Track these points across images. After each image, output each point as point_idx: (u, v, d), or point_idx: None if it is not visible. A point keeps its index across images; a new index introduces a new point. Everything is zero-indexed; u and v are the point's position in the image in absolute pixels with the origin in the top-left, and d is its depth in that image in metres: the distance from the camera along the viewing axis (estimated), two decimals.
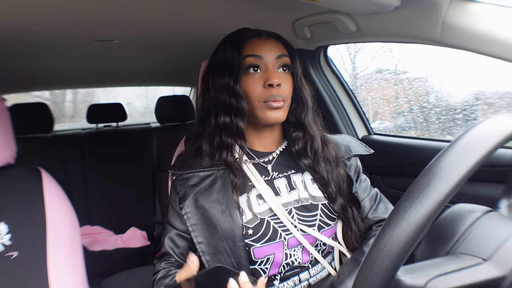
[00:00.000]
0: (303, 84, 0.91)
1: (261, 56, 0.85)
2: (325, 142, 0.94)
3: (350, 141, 1.02)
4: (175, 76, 2.36)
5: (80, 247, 0.91)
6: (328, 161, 0.91)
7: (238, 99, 0.85)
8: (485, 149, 0.43)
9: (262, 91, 0.84)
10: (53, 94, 4.79)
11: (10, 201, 0.86)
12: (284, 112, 0.87)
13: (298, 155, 0.91)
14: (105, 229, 2.16)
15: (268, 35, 0.89)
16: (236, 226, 0.81)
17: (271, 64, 0.86)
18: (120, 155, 2.36)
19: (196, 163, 0.89)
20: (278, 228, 0.83)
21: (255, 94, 0.85)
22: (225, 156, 0.86)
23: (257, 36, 0.88)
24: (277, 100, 0.84)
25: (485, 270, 0.45)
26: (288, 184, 0.90)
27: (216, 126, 0.87)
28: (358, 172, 0.99)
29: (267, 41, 0.87)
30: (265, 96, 0.84)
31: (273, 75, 0.84)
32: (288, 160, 0.92)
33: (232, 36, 0.91)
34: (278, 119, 0.86)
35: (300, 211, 0.86)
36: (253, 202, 0.85)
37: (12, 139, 0.91)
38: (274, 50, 0.86)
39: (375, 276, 0.42)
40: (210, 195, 0.85)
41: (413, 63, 2.03)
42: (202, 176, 0.87)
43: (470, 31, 0.84)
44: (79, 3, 0.99)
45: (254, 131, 0.91)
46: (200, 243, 0.83)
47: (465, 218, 0.52)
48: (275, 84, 0.83)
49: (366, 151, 1.00)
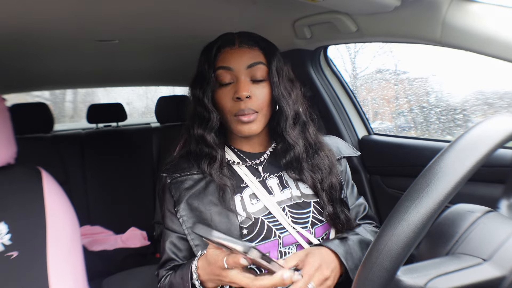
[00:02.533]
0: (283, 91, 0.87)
1: (231, 67, 0.84)
2: (317, 149, 0.92)
3: (339, 142, 1.02)
4: (175, 76, 2.35)
5: (80, 247, 0.91)
6: (320, 170, 0.89)
7: (208, 112, 0.85)
8: (485, 150, 0.43)
9: (232, 104, 0.84)
10: (53, 94, 4.79)
11: (10, 201, 0.86)
12: (258, 124, 0.85)
13: (285, 167, 0.91)
14: (105, 229, 2.16)
15: (242, 41, 0.86)
16: (233, 227, 0.81)
17: (242, 74, 0.84)
18: (120, 155, 2.35)
19: (187, 166, 0.89)
20: (273, 227, 0.83)
21: (226, 107, 0.85)
22: (202, 166, 0.87)
23: (230, 44, 0.86)
24: (245, 114, 0.83)
25: (485, 270, 0.45)
26: (280, 183, 0.90)
27: (194, 136, 0.88)
28: (348, 176, 0.99)
29: (239, 50, 0.85)
30: (234, 110, 0.83)
31: (241, 88, 0.82)
32: (278, 160, 0.92)
33: (208, 45, 0.89)
34: (251, 132, 0.85)
35: (293, 209, 0.87)
36: (246, 202, 0.86)
37: (12, 139, 0.91)
38: (245, 59, 0.84)
39: (375, 276, 0.42)
40: (205, 197, 0.85)
41: (413, 63, 2.03)
42: (196, 179, 0.88)
43: (470, 31, 0.84)
44: (79, 3, 0.99)
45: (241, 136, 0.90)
46: (197, 245, 0.83)
47: (465, 218, 0.52)
48: (243, 97, 0.81)
49: (353, 153, 1.00)
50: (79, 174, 2.24)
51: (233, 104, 0.83)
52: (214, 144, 0.87)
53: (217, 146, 0.88)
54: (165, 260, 0.88)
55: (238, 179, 0.89)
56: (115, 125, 2.69)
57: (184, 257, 0.87)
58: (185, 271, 0.78)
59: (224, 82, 0.85)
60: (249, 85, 0.84)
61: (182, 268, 0.81)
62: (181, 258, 0.87)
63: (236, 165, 0.90)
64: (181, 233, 0.86)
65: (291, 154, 0.88)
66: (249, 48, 0.86)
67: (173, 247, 0.87)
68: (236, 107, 0.83)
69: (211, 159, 0.87)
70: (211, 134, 0.87)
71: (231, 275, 0.67)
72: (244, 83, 0.83)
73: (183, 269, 0.80)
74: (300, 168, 0.89)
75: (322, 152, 0.92)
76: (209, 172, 0.86)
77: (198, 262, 0.77)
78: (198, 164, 0.88)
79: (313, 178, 0.88)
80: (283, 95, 0.87)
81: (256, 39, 0.88)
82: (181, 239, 0.87)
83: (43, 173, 0.93)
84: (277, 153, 0.92)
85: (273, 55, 0.88)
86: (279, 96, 0.87)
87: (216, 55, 0.86)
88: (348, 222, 0.88)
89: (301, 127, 0.91)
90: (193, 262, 0.78)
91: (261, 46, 0.88)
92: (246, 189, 0.88)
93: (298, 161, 0.88)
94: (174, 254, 0.87)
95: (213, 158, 0.87)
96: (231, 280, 0.68)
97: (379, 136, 1.54)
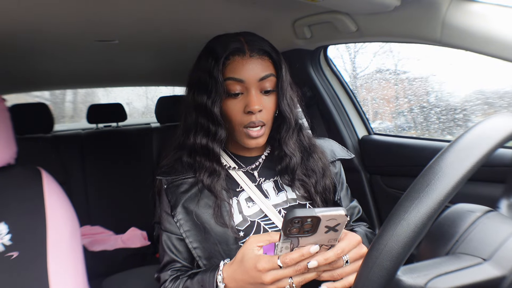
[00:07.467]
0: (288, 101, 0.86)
1: (243, 80, 0.80)
2: (311, 151, 0.92)
3: (333, 145, 1.02)
4: (175, 76, 2.35)
5: (80, 247, 0.91)
6: (314, 173, 0.89)
7: (216, 125, 0.82)
8: (485, 149, 0.43)
9: (242, 116, 0.82)
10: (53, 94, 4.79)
11: (10, 201, 0.86)
12: (265, 136, 0.85)
13: (280, 172, 0.90)
14: (105, 229, 2.16)
15: (252, 50, 0.81)
16: (229, 229, 0.81)
17: (254, 86, 0.81)
18: (120, 155, 2.35)
19: (182, 169, 0.89)
20: (269, 229, 0.84)
21: (235, 119, 0.83)
22: (202, 177, 0.85)
23: (240, 53, 0.81)
24: (256, 126, 0.82)
25: (485, 270, 0.45)
26: (275, 186, 0.90)
27: (194, 145, 0.85)
28: (342, 178, 0.99)
29: (250, 60, 0.81)
30: (244, 122, 0.82)
31: (253, 102, 0.80)
32: (273, 163, 0.92)
33: (215, 48, 0.83)
34: (258, 145, 0.85)
35: None
36: (243, 205, 0.86)
37: (12, 139, 0.91)
38: (258, 71, 0.81)
39: (375, 276, 0.42)
40: (200, 200, 0.84)
41: (413, 63, 2.03)
42: (192, 182, 0.87)
43: (470, 31, 0.84)
44: (79, 3, 0.99)
45: None
46: (196, 248, 0.83)
47: (465, 218, 0.52)
48: (256, 111, 0.80)
49: (348, 155, 1.00)
50: (79, 174, 2.24)
51: (244, 117, 0.82)
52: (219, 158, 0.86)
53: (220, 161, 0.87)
54: (167, 262, 0.87)
55: (234, 183, 0.89)
56: (115, 125, 2.69)
57: (185, 258, 0.87)
58: (206, 279, 0.74)
59: (234, 93, 0.81)
60: (260, 98, 0.82)
61: (202, 275, 0.77)
62: (182, 259, 0.87)
63: (232, 170, 0.90)
64: (179, 234, 0.85)
65: (286, 163, 0.88)
66: (260, 59, 0.82)
67: (173, 248, 0.87)
68: (246, 120, 0.81)
69: (211, 172, 0.85)
70: (219, 147, 0.84)
71: (275, 274, 0.64)
72: (256, 96, 0.81)
73: (203, 277, 0.75)
74: (292, 177, 0.89)
75: (316, 154, 0.92)
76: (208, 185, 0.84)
77: (223, 272, 0.73)
78: (195, 171, 0.87)
79: (305, 185, 0.88)
80: (288, 105, 0.86)
81: (263, 46, 0.84)
82: (180, 240, 0.86)
83: (43, 173, 0.93)
84: (272, 159, 0.92)
85: (281, 64, 0.85)
86: (285, 108, 0.86)
87: (224, 63, 0.81)
88: None
89: (297, 132, 0.91)
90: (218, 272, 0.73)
91: (270, 55, 0.84)
92: (242, 193, 0.88)
93: (293, 171, 0.88)
94: (175, 256, 0.87)
95: (214, 172, 0.85)
96: (274, 278, 0.64)
97: (379, 136, 1.54)
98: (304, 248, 0.63)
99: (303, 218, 0.58)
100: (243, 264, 0.68)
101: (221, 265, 0.74)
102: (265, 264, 0.64)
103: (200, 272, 0.79)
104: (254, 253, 0.68)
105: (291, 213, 0.58)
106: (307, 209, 0.59)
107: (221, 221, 0.81)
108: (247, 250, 0.68)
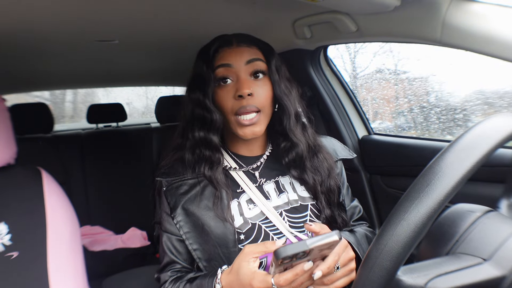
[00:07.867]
0: (284, 89, 0.87)
1: (230, 64, 0.82)
2: (316, 151, 0.91)
3: (335, 144, 1.02)
4: (175, 76, 2.35)
5: (80, 247, 0.91)
6: (319, 173, 0.89)
7: (210, 113, 0.83)
8: (485, 149, 0.43)
9: (233, 103, 0.82)
10: (53, 94, 4.79)
11: (10, 202, 0.86)
12: (261, 124, 0.84)
13: (287, 165, 0.90)
14: (105, 229, 2.16)
15: (239, 41, 0.86)
16: (229, 231, 0.81)
17: (242, 71, 0.82)
18: (120, 155, 2.35)
19: (182, 170, 0.88)
20: (270, 232, 0.83)
21: (227, 107, 0.83)
22: (203, 170, 0.85)
23: (227, 44, 0.85)
24: (247, 112, 0.81)
25: (485, 270, 0.45)
26: (276, 188, 0.90)
27: (194, 140, 0.86)
28: (343, 178, 0.99)
29: (237, 48, 0.84)
30: (236, 108, 0.81)
31: (243, 85, 0.80)
32: (274, 163, 0.92)
33: (204, 48, 0.88)
34: (255, 134, 0.84)
35: (291, 213, 0.86)
36: (244, 207, 0.85)
37: (12, 139, 0.91)
38: (244, 56, 0.83)
39: (375, 276, 0.42)
40: (200, 202, 0.84)
41: (413, 63, 2.03)
42: (192, 183, 0.87)
43: (470, 31, 0.84)
44: (79, 3, 0.99)
45: (239, 137, 0.88)
46: (196, 250, 0.83)
47: (465, 218, 0.52)
48: (245, 94, 0.80)
49: (350, 155, 1.00)
50: (79, 174, 2.24)
51: (235, 103, 0.82)
52: (217, 146, 0.86)
53: (219, 149, 0.87)
54: (167, 263, 0.87)
55: (235, 184, 0.88)
56: (115, 125, 2.69)
57: (185, 260, 0.87)
58: (205, 284, 0.75)
59: (224, 81, 0.83)
60: (250, 82, 0.83)
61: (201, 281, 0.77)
62: (182, 260, 0.87)
63: (233, 170, 0.90)
64: (180, 236, 0.85)
65: (294, 153, 0.88)
66: (247, 47, 0.85)
67: (173, 249, 0.87)
68: (237, 105, 0.81)
69: (211, 163, 0.85)
70: (216, 135, 0.85)
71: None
72: (245, 80, 0.82)
73: (202, 282, 0.76)
74: (303, 167, 0.88)
75: (321, 154, 0.91)
76: (209, 176, 0.84)
77: (222, 280, 0.73)
78: (194, 168, 0.87)
79: (315, 178, 0.88)
80: (285, 93, 0.86)
81: (253, 39, 0.88)
82: (180, 242, 0.86)
83: (43, 173, 0.93)
84: (278, 154, 0.91)
85: (271, 53, 0.87)
86: (281, 94, 0.86)
87: (213, 55, 0.85)
88: (344, 226, 0.89)
89: (301, 128, 0.91)
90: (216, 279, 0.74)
91: (259, 46, 0.87)
92: (243, 194, 0.87)
93: (301, 159, 0.88)
94: (175, 257, 0.86)
95: (214, 162, 0.85)
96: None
97: (379, 136, 1.54)
98: (298, 267, 0.62)
99: (295, 253, 0.57)
100: (239, 277, 0.68)
101: (218, 273, 0.74)
102: (259, 283, 0.64)
103: (199, 277, 0.80)
104: (249, 267, 0.67)
105: (283, 252, 0.56)
106: (297, 243, 0.56)
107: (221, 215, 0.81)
108: (243, 262, 0.68)
